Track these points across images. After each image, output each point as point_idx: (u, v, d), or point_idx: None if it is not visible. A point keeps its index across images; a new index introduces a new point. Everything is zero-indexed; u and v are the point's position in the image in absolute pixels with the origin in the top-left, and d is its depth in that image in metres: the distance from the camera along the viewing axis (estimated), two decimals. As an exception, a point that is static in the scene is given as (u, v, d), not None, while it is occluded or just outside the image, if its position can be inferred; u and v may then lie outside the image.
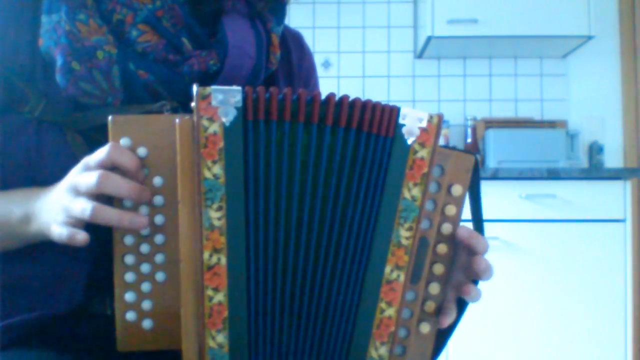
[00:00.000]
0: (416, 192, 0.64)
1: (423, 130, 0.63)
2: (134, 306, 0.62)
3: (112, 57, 0.69)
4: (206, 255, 0.59)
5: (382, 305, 0.65)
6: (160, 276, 0.62)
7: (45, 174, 0.68)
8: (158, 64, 0.71)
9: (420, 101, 3.00)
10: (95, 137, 0.69)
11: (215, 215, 0.59)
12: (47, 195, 0.65)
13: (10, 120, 0.70)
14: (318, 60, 2.93)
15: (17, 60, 0.71)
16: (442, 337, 0.70)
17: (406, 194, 0.64)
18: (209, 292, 0.60)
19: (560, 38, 2.69)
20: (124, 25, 0.71)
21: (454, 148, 0.68)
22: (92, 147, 0.69)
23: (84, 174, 0.60)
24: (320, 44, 3.00)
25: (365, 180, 0.63)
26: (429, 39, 2.71)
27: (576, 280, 2.37)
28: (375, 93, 2.97)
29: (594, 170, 2.55)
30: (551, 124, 2.88)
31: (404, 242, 0.64)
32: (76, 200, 0.60)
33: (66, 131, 0.69)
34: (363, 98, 0.62)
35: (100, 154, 0.60)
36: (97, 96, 0.69)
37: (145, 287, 0.62)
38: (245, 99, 0.59)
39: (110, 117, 0.61)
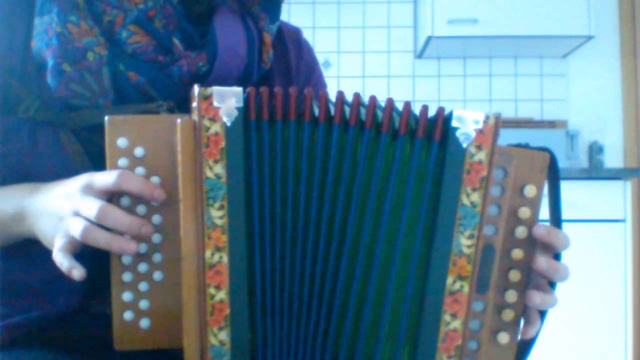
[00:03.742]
0: (476, 197, 0.61)
1: (479, 132, 0.61)
2: (131, 306, 0.62)
3: (102, 58, 0.69)
4: (208, 253, 0.59)
5: (447, 317, 0.62)
6: (157, 275, 0.62)
7: (40, 175, 0.68)
8: (148, 65, 0.71)
9: (420, 101, 2.99)
10: (89, 137, 0.69)
11: (217, 214, 0.59)
12: (44, 198, 0.64)
13: (5, 121, 0.70)
14: (318, 60, 2.92)
15: (12, 61, 0.71)
16: (523, 347, 0.66)
17: (465, 200, 0.61)
18: (211, 290, 0.60)
19: (560, 38, 2.69)
20: (114, 27, 0.71)
21: (526, 146, 0.64)
22: (85, 147, 0.69)
23: (86, 200, 0.59)
24: (320, 44, 3.00)
25: (409, 185, 0.62)
26: (429, 39, 2.71)
27: (576, 280, 2.36)
28: (375, 93, 2.94)
29: (594, 170, 2.55)
30: (551, 124, 2.88)
31: (466, 250, 0.61)
32: (73, 220, 0.59)
33: (60, 131, 0.69)
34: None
35: (108, 178, 0.59)
36: (88, 97, 0.69)
37: (143, 286, 0.62)
38: (246, 99, 0.60)
39: (106, 117, 0.61)
